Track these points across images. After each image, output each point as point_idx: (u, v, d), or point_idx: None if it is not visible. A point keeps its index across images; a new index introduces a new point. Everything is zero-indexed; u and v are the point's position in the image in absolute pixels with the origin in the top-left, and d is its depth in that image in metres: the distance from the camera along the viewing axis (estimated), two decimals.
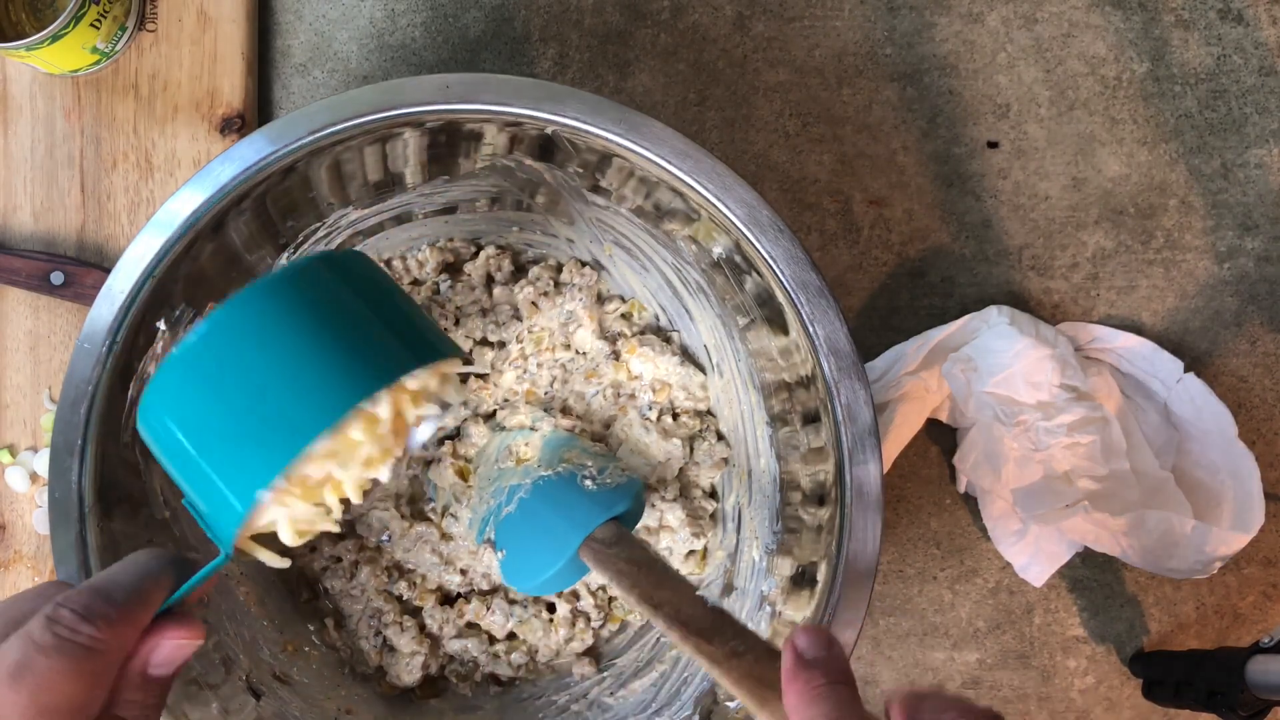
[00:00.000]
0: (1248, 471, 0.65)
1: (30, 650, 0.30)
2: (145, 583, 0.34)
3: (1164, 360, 0.67)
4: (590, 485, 0.54)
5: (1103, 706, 0.69)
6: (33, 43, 0.61)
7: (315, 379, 0.35)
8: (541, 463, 0.56)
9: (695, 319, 0.62)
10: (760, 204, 0.50)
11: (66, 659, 0.31)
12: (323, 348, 0.36)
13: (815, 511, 0.54)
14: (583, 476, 0.54)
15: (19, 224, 0.68)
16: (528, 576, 0.53)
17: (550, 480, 0.54)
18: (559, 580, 0.53)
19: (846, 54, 0.71)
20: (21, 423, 0.67)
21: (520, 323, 0.63)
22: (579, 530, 0.51)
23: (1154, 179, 0.70)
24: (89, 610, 0.32)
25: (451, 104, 0.51)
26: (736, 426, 0.62)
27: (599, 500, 0.53)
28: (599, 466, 0.55)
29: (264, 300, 0.36)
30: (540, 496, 0.54)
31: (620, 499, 0.54)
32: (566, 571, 0.52)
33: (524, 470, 0.56)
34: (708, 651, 0.42)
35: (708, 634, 0.43)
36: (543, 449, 0.57)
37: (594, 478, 0.54)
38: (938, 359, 0.66)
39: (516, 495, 0.55)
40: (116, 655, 0.32)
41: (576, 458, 0.56)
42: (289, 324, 0.36)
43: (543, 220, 0.62)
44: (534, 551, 0.53)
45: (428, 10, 0.71)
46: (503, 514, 0.55)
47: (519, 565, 0.54)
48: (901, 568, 0.69)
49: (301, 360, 0.35)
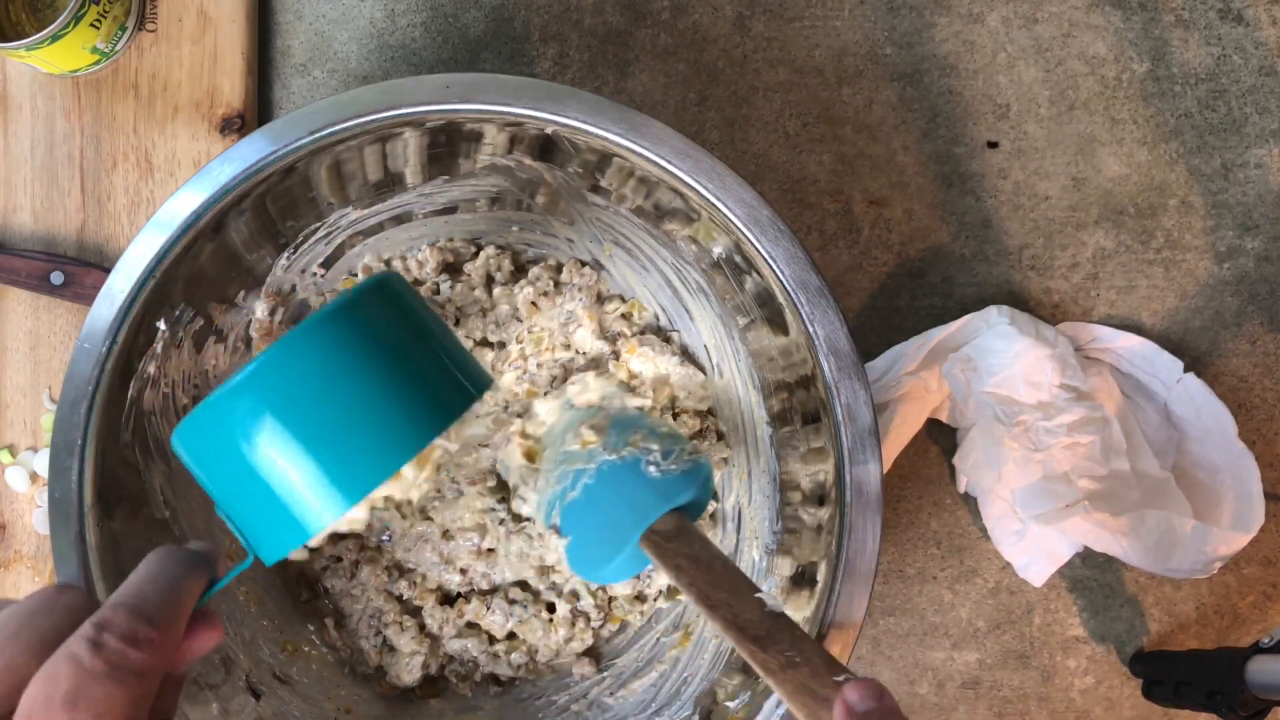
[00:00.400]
0: (1248, 471, 0.65)
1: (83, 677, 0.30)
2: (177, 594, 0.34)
3: (1164, 360, 0.67)
4: (654, 472, 0.52)
5: (1103, 706, 0.69)
6: (33, 43, 0.61)
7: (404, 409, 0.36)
8: (607, 446, 0.54)
9: (695, 319, 0.62)
10: (760, 204, 0.50)
11: (119, 685, 0.30)
12: (410, 376, 0.37)
13: (815, 511, 0.54)
14: (647, 462, 0.52)
15: (19, 224, 0.68)
16: (592, 565, 0.52)
17: (615, 465, 0.52)
18: (623, 569, 0.51)
19: (846, 54, 0.71)
20: (21, 423, 0.67)
21: (520, 323, 0.63)
22: (639, 521, 0.50)
23: (1154, 179, 0.70)
24: (134, 635, 0.31)
25: (451, 104, 0.51)
26: (737, 426, 0.62)
27: (661, 489, 0.51)
28: (665, 450, 0.53)
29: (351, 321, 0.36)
30: (604, 482, 0.52)
31: (683, 488, 0.52)
32: (630, 561, 0.51)
33: (589, 453, 0.54)
34: (762, 660, 0.41)
35: (763, 641, 0.42)
36: (609, 430, 0.55)
37: (658, 463, 0.52)
38: (938, 359, 0.66)
39: (581, 480, 0.53)
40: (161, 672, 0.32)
41: (643, 440, 0.53)
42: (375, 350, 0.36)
43: (543, 220, 0.62)
44: (597, 540, 0.51)
45: (428, 10, 0.71)
46: (568, 499, 0.53)
47: (583, 553, 0.52)
48: (901, 568, 0.69)
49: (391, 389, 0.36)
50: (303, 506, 0.35)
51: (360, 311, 0.37)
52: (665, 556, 0.48)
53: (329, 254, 0.61)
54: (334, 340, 0.36)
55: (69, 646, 0.31)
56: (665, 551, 0.48)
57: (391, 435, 0.36)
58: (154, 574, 0.34)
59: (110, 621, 0.31)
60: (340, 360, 0.36)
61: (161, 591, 0.33)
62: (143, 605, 0.32)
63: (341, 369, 0.35)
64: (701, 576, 0.46)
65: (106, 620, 0.31)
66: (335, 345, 0.36)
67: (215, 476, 0.36)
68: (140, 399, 0.54)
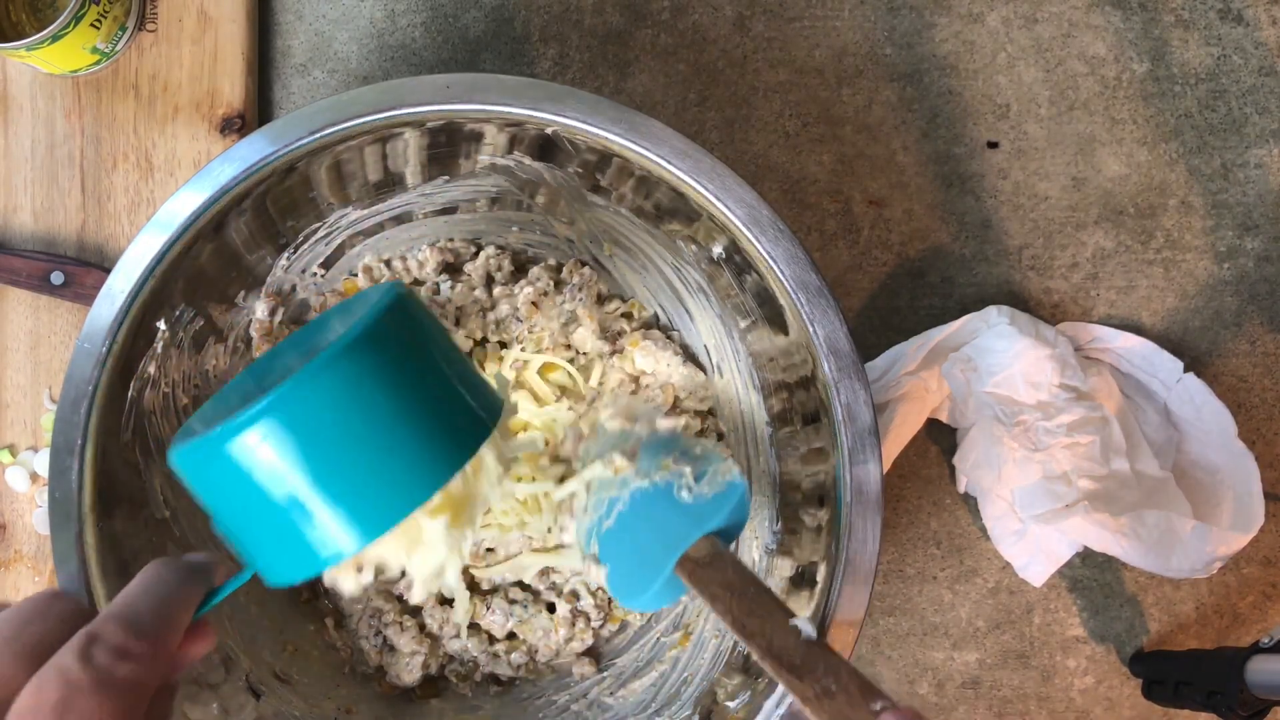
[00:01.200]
0: (1248, 471, 0.65)
1: (70, 690, 0.30)
2: (172, 608, 0.33)
3: (1164, 360, 0.67)
4: (686, 496, 0.50)
5: (1103, 706, 0.69)
6: (33, 43, 0.61)
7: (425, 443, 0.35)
8: (639, 471, 0.53)
9: (695, 319, 0.62)
10: (760, 204, 0.50)
11: (108, 698, 0.30)
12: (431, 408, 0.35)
13: (815, 512, 0.54)
14: (680, 486, 0.51)
15: (19, 224, 0.68)
16: (631, 593, 0.51)
17: (646, 492, 0.51)
18: (662, 596, 0.50)
19: (846, 54, 0.71)
20: (21, 423, 0.67)
21: (520, 322, 0.63)
22: (672, 549, 0.49)
23: (1154, 179, 0.70)
24: (124, 648, 0.31)
25: (452, 104, 0.51)
26: (737, 426, 0.62)
27: (693, 514, 0.50)
28: (698, 472, 0.52)
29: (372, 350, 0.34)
30: (637, 509, 0.51)
31: (716, 511, 0.50)
32: (668, 587, 0.50)
33: (622, 480, 0.53)
34: (799, 689, 0.41)
35: (799, 670, 0.41)
36: (641, 455, 0.54)
37: (691, 487, 0.51)
38: (938, 359, 0.66)
39: (615, 508, 0.52)
40: (154, 686, 0.32)
41: (675, 463, 0.52)
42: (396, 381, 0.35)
43: (543, 220, 0.62)
44: (634, 569, 0.51)
45: (428, 10, 0.71)
46: (603, 527, 0.52)
47: (623, 582, 0.51)
48: (901, 568, 0.69)
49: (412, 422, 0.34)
50: (320, 539, 0.34)
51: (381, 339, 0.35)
52: (700, 584, 0.47)
53: (329, 254, 0.61)
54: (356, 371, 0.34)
55: (59, 658, 0.30)
56: (700, 579, 0.48)
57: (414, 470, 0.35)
58: (148, 586, 0.34)
59: (101, 634, 0.31)
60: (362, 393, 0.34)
61: (155, 604, 0.33)
62: (135, 618, 0.32)
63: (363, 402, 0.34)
64: (737, 604, 0.45)
65: (97, 633, 0.31)
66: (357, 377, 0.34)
67: (220, 500, 0.35)
68: (140, 399, 0.54)
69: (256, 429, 0.33)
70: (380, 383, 0.34)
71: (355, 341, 0.34)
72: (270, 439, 0.33)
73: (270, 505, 0.34)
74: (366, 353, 0.34)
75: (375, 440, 0.34)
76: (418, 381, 0.35)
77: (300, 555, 0.34)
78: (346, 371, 0.34)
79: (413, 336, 0.36)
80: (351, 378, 0.34)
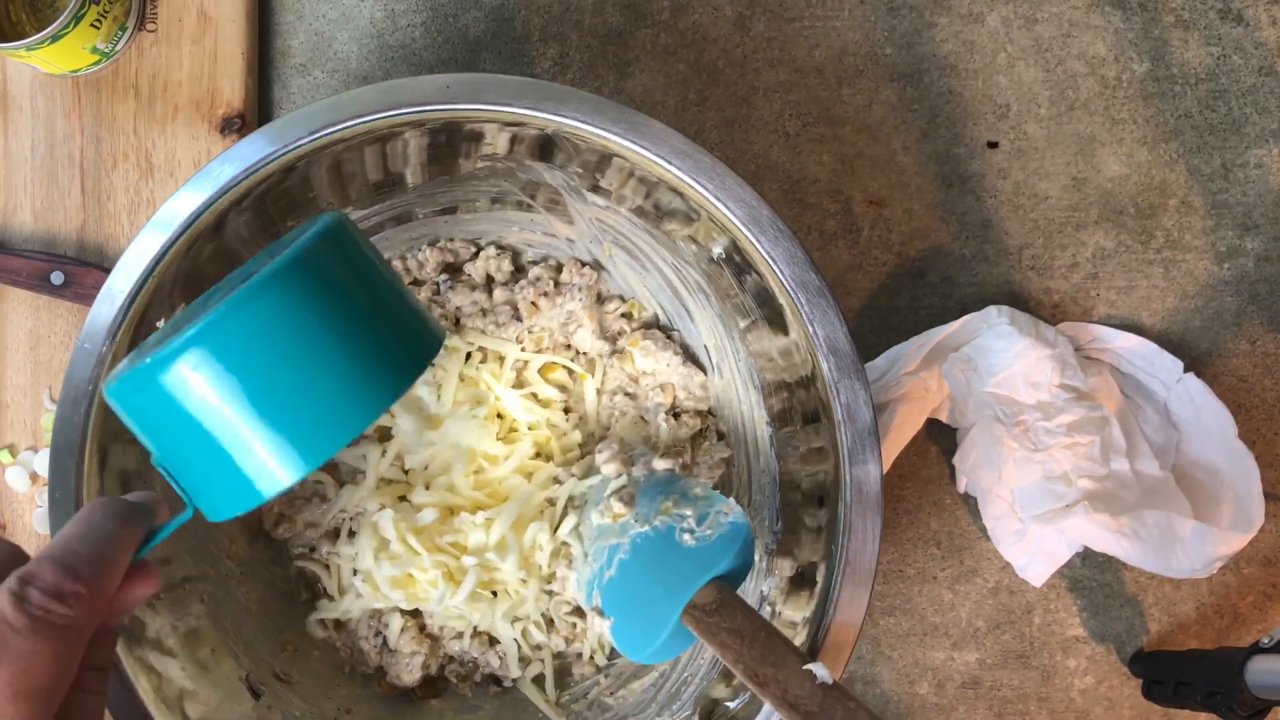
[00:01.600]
0: (1248, 471, 0.65)
1: (6, 632, 0.29)
2: (109, 548, 0.33)
3: (1164, 360, 0.67)
4: (689, 540, 0.49)
5: (1103, 706, 0.69)
6: (33, 43, 0.61)
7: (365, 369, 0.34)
8: (638, 517, 0.51)
9: (695, 319, 0.62)
10: (760, 204, 0.50)
11: (43, 640, 0.30)
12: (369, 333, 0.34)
13: (815, 512, 0.54)
14: (681, 530, 0.50)
15: (19, 224, 0.68)
16: (639, 646, 0.49)
17: (647, 537, 0.50)
18: (670, 647, 0.48)
19: (846, 54, 0.71)
20: (21, 423, 0.67)
21: (520, 322, 0.63)
22: (677, 598, 0.47)
23: (1154, 179, 0.70)
24: (59, 589, 0.30)
25: (452, 104, 0.51)
26: (737, 426, 0.62)
27: (697, 559, 0.48)
28: (699, 514, 0.50)
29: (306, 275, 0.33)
30: (638, 557, 0.50)
31: (720, 555, 0.48)
32: (676, 637, 0.48)
33: (621, 526, 0.51)
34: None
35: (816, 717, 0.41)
36: (639, 499, 0.53)
37: (693, 530, 0.49)
38: (938, 359, 0.66)
39: (616, 556, 0.50)
40: (91, 628, 0.32)
41: (675, 506, 0.51)
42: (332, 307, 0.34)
43: (543, 220, 0.62)
44: (639, 619, 0.48)
45: (428, 10, 0.71)
46: (605, 578, 0.50)
47: (628, 634, 0.49)
48: (901, 568, 0.69)
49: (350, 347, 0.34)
50: (258, 470, 0.33)
51: (316, 263, 0.34)
52: (708, 632, 0.46)
53: None
54: (290, 298, 0.33)
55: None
56: (707, 627, 0.46)
57: (350, 399, 0.34)
58: (84, 527, 0.33)
59: (35, 575, 0.31)
60: (297, 319, 0.33)
61: (92, 545, 0.32)
62: (70, 559, 0.32)
63: (299, 328, 0.33)
64: (748, 651, 0.44)
65: (31, 574, 0.31)
66: (291, 303, 0.33)
67: (157, 433, 0.34)
68: None
69: (186, 358, 0.32)
70: (309, 309, 0.33)
71: (282, 269, 0.33)
72: (201, 368, 0.32)
73: (206, 437, 0.33)
74: (294, 279, 0.33)
75: (307, 368, 0.33)
76: (349, 308, 0.34)
77: (238, 488, 0.33)
78: (274, 299, 0.33)
79: (344, 263, 0.35)
80: (279, 305, 0.33)
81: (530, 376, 0.63)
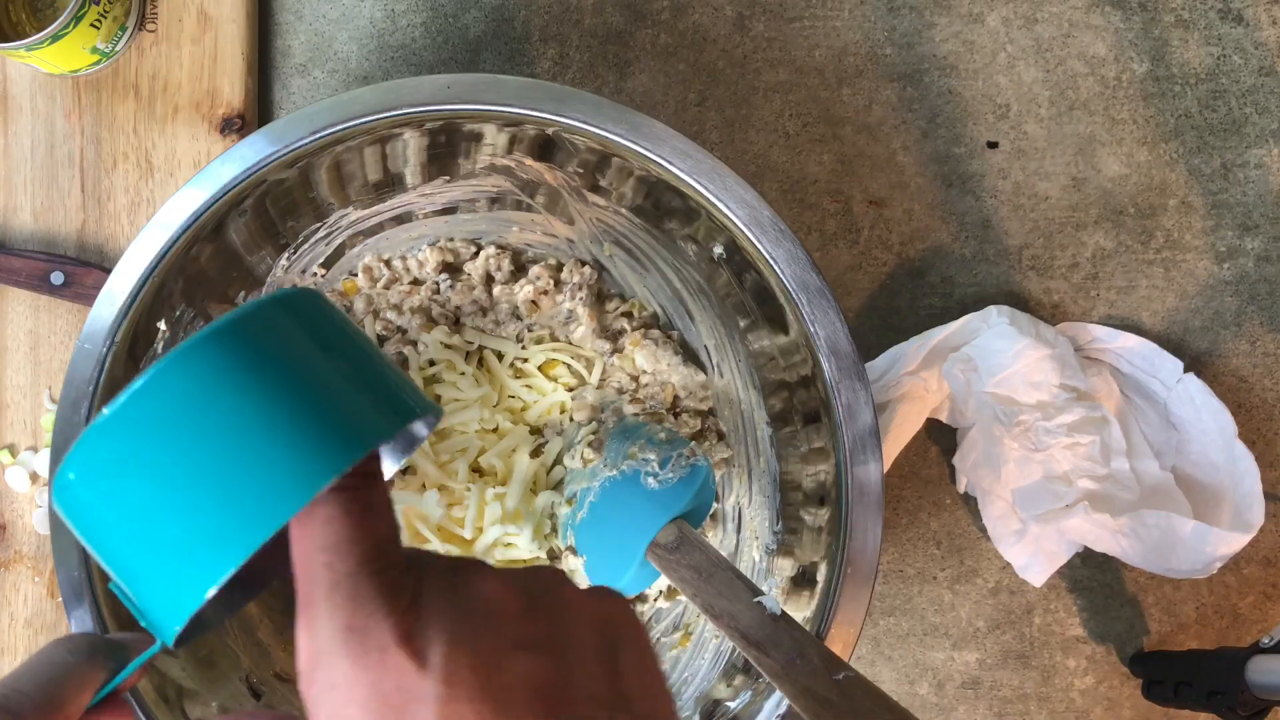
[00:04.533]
0: (1248, 472, 0.65)
1: None
2: (60, 688, 0.31)
3: (1164, 360, 0.67)
4: (653, 483, 0.52)
5: (1103, 706, 0.69)
6: (33, 43, 0.61)
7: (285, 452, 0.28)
8: (607, 462, 0.55)
9: (695, 319, 0.62)
10: (760, 204, 0.50)
11: None
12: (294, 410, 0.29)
13: (815, 511, 0.54)
14: (645, 474, 0.53)
15: (19, 224, 0.68)
16: (611, 579, 0.52)
17: (615, 481, 0.53)
18: (638, 581, 0.52)
19: (846, 54, 0.71)
20: (21, 423, 0.67)
21: (520, 321, 0.63)
22: (641, 536, 0.50)
23: (1154, 179, 0.70)
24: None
25: (452, 104, 0.51)
26: (737, 426, 0.62)
27: (659, 500, 0.52)
28: (662, 457, 0.53)
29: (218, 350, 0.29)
30: (606, 499, 0.53)
31: (680, 496, 0.52)
32: (643, 572, 0.51)
33: (591, 471, 0.55)
34: (767, 664, 0.42)
35: (765, 645, 0.43)
36: (608, 445, 0.56)
37: (656, 474, 0.53)
38: (938, 359, 0.66)
39: (587, 499, 0.54)
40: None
41: (641, 451, 0.54)
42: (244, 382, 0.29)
43: (543, 220, 0.62)
44: (608, 556, 0.52)
45: (428, 10, 0.71)
46: (577, 519, 0.54)
47: (599, 570, 0.53)
48: (901, 568, 0.69)
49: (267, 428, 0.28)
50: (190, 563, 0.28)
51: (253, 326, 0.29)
52: (670, 568, 0.49)
53: (329, 254, 0.62)
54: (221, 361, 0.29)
55: None
56: (669, 564, 0.49)
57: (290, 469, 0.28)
58: (38, 664, 0.31)
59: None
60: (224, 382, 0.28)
61: (40, 684, 0.31)
62: (13, 700, 0.30)
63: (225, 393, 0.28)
64: (705, 587, 0.47)
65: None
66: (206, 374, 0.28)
67: (98, 537, 0.29)
68: None
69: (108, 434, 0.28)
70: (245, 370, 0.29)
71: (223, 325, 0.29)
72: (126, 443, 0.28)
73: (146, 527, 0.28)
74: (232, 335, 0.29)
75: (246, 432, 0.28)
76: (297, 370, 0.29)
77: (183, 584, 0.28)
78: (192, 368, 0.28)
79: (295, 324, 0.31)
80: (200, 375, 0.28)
81: (529, 371, 0.63)
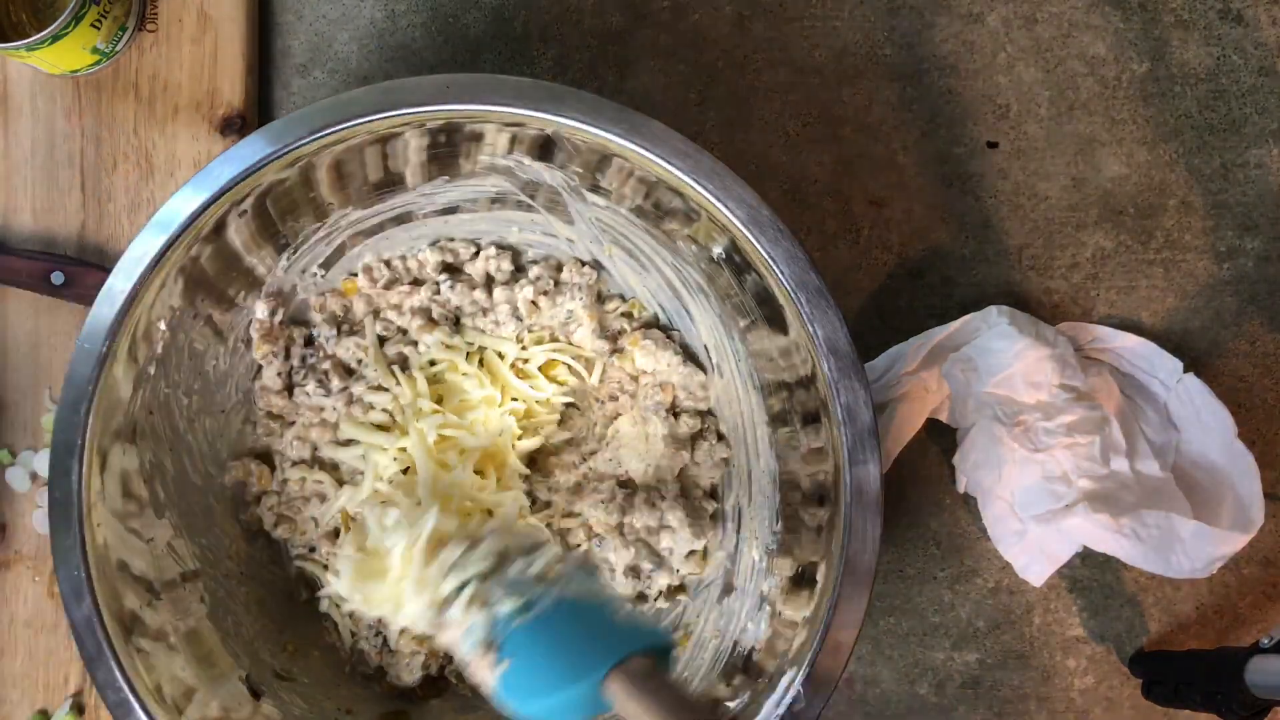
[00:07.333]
0: (1247, 471, 0.65)
1: None
2: None
3: (1164, 360, 0.67)
4: (620, 618, 0.49)
5: (1102, 706, 0.69)
6: (33, 43, 0.61)
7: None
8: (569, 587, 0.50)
9: (695, 319, 0.62)
10: (760, 204, 0.50)
11: None
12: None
13: (815, 511, 0.54)
14: (613, 610, 0.50)
15: (19, 224, 0.68)
16: (532, 695, 0.47)
17: (577, 603, 0.49)
18: (567, 709, 0.47)
19: (846, 54, 0.71)
20: (22, 423, 0.67)
21: (520, 321, 0.63)
22: (609, 654, 0.46)
23: (1154, 179, 0.70)
24: None
25: (452, 104, 0.51)
26: (736, 426, 0.62)
27: (634, 624, 0.50)
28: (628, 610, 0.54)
29: None
30: (565, 613, 0.49)
31: (654, 631, 0.52)
32: (581, 701, 0.46)
33: (546, 587, 0.50)
34: None
35: None
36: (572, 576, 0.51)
37: (625, 611, 0.51)
38: (938, 359, 0.66)
39: (538, 605, 0.49)
40: None
41: (605, 592, 0.52)
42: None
43: (543, 220, 0.62)
44: (547, 668, 0.47)
45: (428, 10, 0.71)
46: (516, 621, 0.49)
47: (524, 680, 0.48)
48: (901, 568, 0.69)
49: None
50: None
51: None
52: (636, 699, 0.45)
53: (329, 254, 0.62)
54: None
55: None
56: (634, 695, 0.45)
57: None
58: None
59: None
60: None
61: None
62: None
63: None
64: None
65: None
66: None
67: None
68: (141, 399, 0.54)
69: None
70: None
71: None
72: None
73: None
74: None
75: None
76: None
77: None
78: None
79: None
80: None
81: (530, 372, 0.63)
